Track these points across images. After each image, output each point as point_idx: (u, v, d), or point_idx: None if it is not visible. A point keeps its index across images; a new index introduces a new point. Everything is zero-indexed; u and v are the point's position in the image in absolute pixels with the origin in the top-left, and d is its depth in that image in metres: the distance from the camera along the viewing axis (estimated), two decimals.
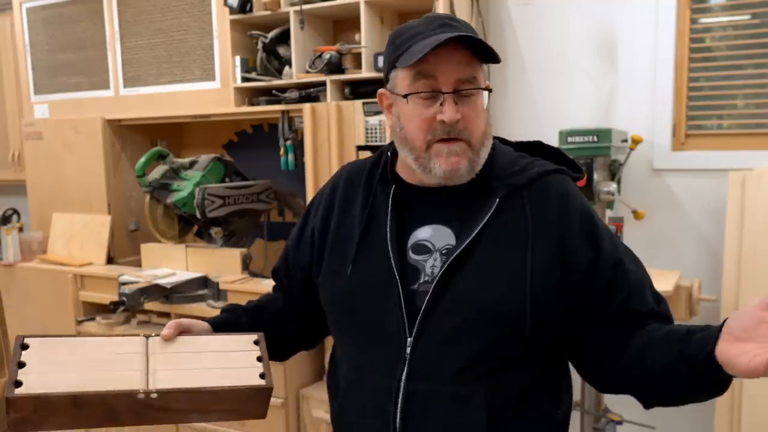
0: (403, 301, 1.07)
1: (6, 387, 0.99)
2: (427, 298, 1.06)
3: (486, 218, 1.07)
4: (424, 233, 1.12)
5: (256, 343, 1.15)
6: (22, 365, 1.01)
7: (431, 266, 1.09)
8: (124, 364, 1.06)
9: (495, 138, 1.20)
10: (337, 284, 1.15)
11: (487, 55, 1.06)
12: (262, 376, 1.10)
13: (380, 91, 1.16)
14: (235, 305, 1.30)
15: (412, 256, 1.11)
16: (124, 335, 1.13)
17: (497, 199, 1.08)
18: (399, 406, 1.05)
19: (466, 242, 1.06)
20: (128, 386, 1.03)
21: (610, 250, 1.09)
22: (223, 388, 1.06)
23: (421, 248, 1.11)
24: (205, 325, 1.17)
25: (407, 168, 1.14)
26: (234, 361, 1.11)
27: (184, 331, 1.11)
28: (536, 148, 1.21)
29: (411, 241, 1.12)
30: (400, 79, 1.09)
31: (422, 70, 1.05)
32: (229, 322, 1.22)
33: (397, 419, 1.06)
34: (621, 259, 1.09)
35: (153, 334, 1.12)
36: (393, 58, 1.09)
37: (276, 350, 1.20)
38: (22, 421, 1.01)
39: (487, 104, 1.14)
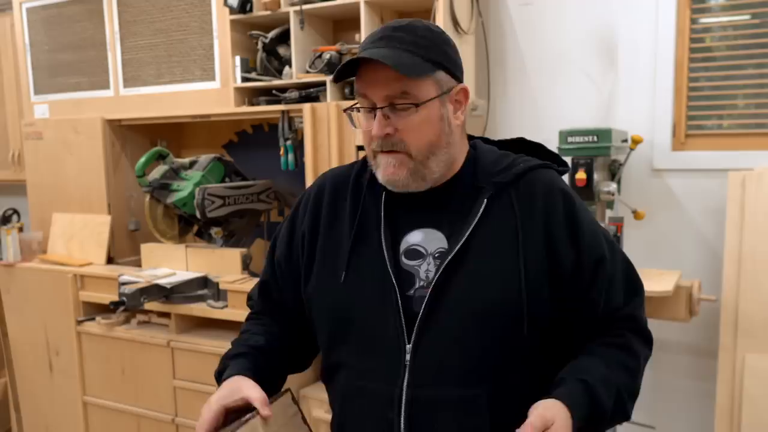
0: (401, 307, 1.07)
1: None
2: (424, 303, 1.06)
3: (476, 219, 1.08)
4: (415, 238, 1.12)
5: (294, 401, 1.16)
6: None
7: (426, 271, 1.09)
8: None
9: (478, 138, 1.22)
10: (331, 292, 1.14)
11: (408, 72, 1.03)
12: None
13: None
14: (246, 345, 1.22)
15: (405, 261, 1.11)
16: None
17: (485, 200, 1.09)
18: (402, 413, 1.05)
19: (459, 244, 1.06)
20: None
21: (591, 245, 1.11)
22: None
23: (414, 253, 1.11)
24: (250, 382, 1.10)
25: None
26: (296, 427, 1.13)
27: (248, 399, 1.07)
28: (519, 144, 1.23)
29: (403, 246, 1.12)
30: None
31: (359, 86, 1.08)
32: (256, 368, 1.16)
33: (401, 426, 1.05)
34: (603, 256, 1.12)
35: (253, 415, 1.05)
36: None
37: (282, 377, 1.25)
38: None
39: (465, 108, 1.13)
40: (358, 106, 1.10)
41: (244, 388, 1.07)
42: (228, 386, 1.09)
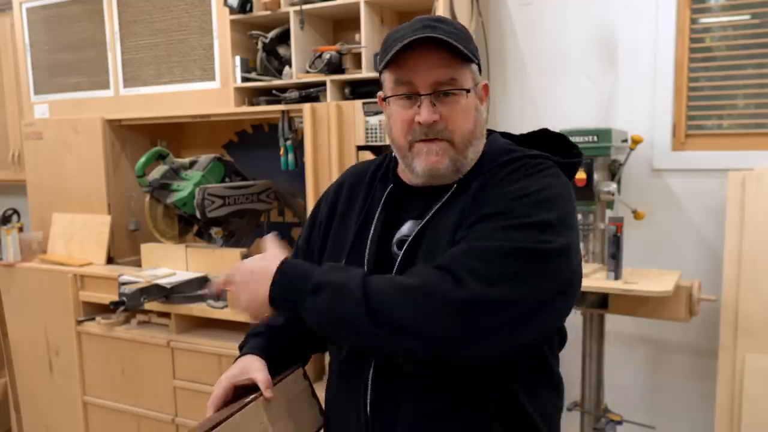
0: None
1: None
2: None
3: (438, 205, 1.10)
4: (406, 229, 1.15)
5: (305, 376, 1.25)
6: None
7: (399, 258, 1.12)
8: None
9: (497, 132, 1.22)
10: None
11: (464, 55, 1.07)
12: (321, 412, 1.25)
13: (378, 93, 1.20)
14: (266, 324, 1.28)
15: (395, 251, 1.14)
16: (236, 410, 1.09)
17: (454, 185, 1.10)
18: (369, 394, 1.10)
19: (417, 228, 1.10)
20: None
21: (500, 207, 1.02)
22: None
23: (402, 243, 1.14)
24: (258, 364, 1.18)
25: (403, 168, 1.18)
26: (304, 403, 1.22)
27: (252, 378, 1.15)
28: (541, 136, 1.22)
29: (396, 236, 1.15)
30: (386, 81, 1.12)
31: (400, 73, 1.08)
32: (271, 348, 1.24)
33: (367, 406, 1.10)
34: (492, 216, 1.01)
35: (255, 397, 1.11)
36: (380, 61, 1.12)
37: (299, 357, 1.30)
38: None
39: (486, 105, 1.15)
40: (397, 94, 1.09)
41: (252, 369, 1.16)
42: (239, 365, 1.19)
